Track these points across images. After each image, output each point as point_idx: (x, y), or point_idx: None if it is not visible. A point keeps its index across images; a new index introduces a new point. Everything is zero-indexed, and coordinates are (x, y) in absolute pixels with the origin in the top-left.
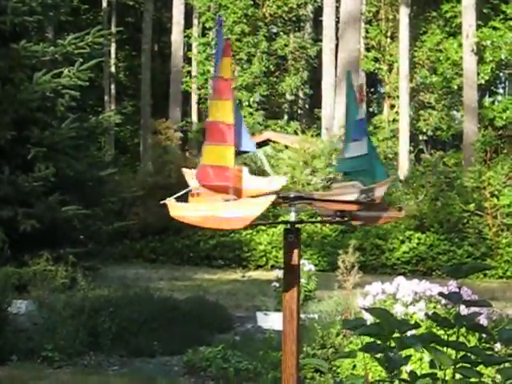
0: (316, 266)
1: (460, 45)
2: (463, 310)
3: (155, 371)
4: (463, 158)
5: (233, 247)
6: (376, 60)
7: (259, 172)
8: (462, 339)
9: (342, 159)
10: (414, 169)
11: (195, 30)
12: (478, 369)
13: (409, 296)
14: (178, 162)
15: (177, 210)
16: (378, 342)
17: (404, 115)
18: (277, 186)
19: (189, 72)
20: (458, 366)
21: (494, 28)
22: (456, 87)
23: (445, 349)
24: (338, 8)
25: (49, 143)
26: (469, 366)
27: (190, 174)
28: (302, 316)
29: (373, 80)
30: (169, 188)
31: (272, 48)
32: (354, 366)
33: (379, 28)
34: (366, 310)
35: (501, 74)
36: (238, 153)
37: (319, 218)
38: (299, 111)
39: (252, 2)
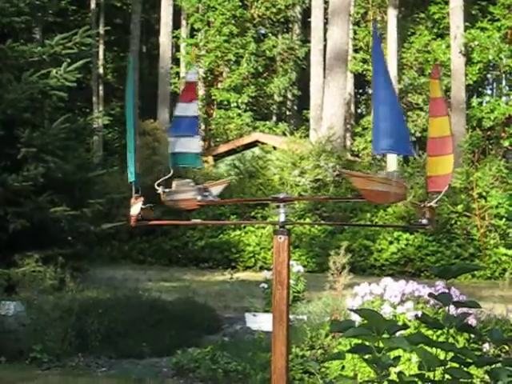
0: (305, 267)
1: (448, 46)
2: (452, 311)
3: (144, 372)
4: None
5: (221, 248)
6: (364, 61)
7: (249, 173)
8: (450, 340)
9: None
10: (402, 170)
11: (183, 31)
12: (467, 369)
13: (396, 297)
14: (166, 163)
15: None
16: (367, 343)
17: None
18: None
19: (177, 73)
20: (447, 366)
21: (482, 29)
22: (444, 88)
23: (434, 349)
24: (326, 9)
25: (38, 144)
26: (458, 366)
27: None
28: (291, 317)
29: (361, 81)
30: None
31: (260, 49)
32: (343, 367)
33: (367, 29)
34: (354, 311)
35: (488, 75)
36: None
37: (307, 220)
38: (287, 112)
39: (240, 4)
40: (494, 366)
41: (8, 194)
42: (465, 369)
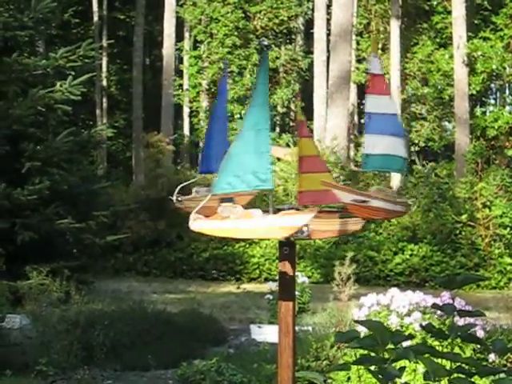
0: (309, 278)
1: (451, 56)
2: (458, 321)
3: None
4: (455, 168)
5: (226, 260)
6: (367, 72)
7: None
8: (457, 350)
9: (367, 155)
10: (406, 180)
11: (186, 43)
12: (472, 379)
13: (404, 307)
14: (170, 175)
15: None
16: (372, 354)
17: None
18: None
19: (180, 85)
20: (452, 376)
21: (485, 39)
22: (447, 98)
23: (439, 360)
24: (329, 20)
25: (43, 157)
26: (463, 376)
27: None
28: (296, 328)
29: (364, 92)
30: (161, 201)
31: None
32: (349, 378)
33: (370, 40)
34: (359, 322)
35: (492, 85)
36: None
37: None
38: (291, 123)
39: (243, 15)
40: (497, 375)
41: (15, 208)
42: (470, 379)
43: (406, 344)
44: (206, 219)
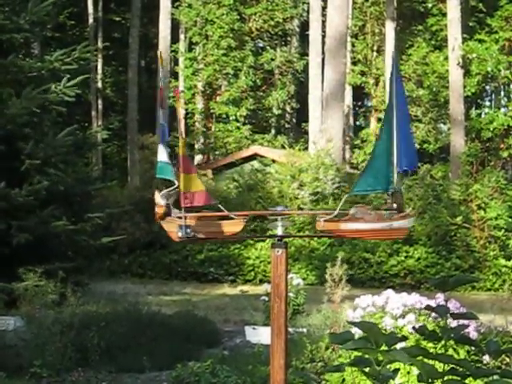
0: (304, 279)
1: (446, 58)
2: (452, 323)
3: None
4: (450, 170)
5: (221, 262)
6: (362, 74)
7: (248, 186)
8: (451, 352)
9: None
10: (401, 183)
11: (182, 45)
12: (466, 381)
13: (398, 309)
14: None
15: None
16: (367, 355)
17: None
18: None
19: (176, 87)
20: (446, 378)
21: (480, 41)
22: (442, 100)
23: (433, 362)
24: (324, 22)
25: (42, 156)
26: (457, 378)
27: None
28: (291, 330)
29: (359, 94)
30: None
31: (259, 62)
32: (344, 380)
33: (365, 42)
34: (353, 323)
35: (487, 87)
36: None
37: (307, 232)
38: (286, 125)
39: (238, 17)
40: (491, 377)
41: (11, 209)
42: (464, 381)
43: (400, 346)
44: (342, 221)
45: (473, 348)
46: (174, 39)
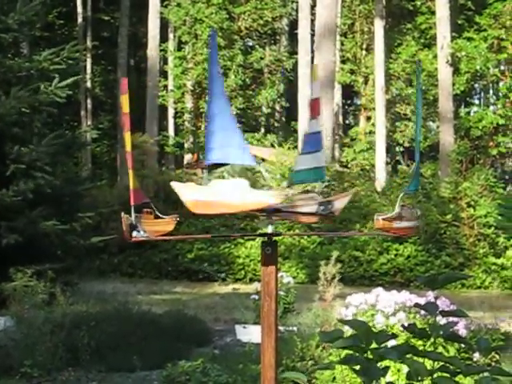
0: (294, 278)
1: (435, 56)
2: (442, 321)
3: None
4: (439, 168)
5: (211, 261)
6: (352, 72)
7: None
8: (441, 349)
9: (294, 171)
10: (390, 180)
11: (171, 44)
12: (456, 379)
13: (390, 307)
14: (155, 177)
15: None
16: (357, 353)
17: (380, 127)
18: (276, 201)
19: (165, 86)
20: (435, 376)
21: (469, 39)
22: (432, 98)
23: (423, 359)
24: (313, 21)
25: (27, 161)
26: (447, 376)
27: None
28: (281, 328)
29: (349, 92)
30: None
31: (248, 61)
32: (334, 378)
33: (354, 40)
34: (343, 321)
35: (476, 85)
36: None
37: (297, 231)
38: (276, 124)
39: (227, 16)
40: (481, 374)
41: (0, 209)
42: (453, 378)
43: (391, 344)
44: (395, 220)
45: (463, 345)
46: (163, 38)
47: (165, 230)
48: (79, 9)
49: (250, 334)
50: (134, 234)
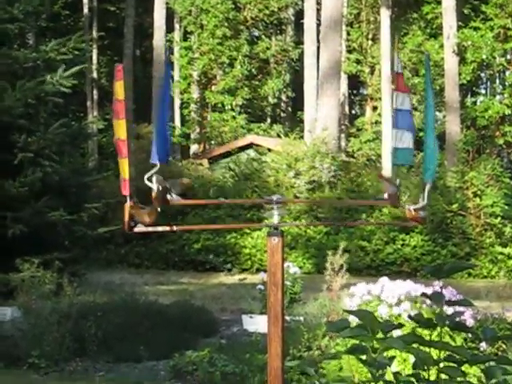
0: (301, 268)
1: (441, 46)
2: (448, 310)
3: (142, 376)
4: (446, 158)
5: (218, 251)
6: (358, 62)
7: (244, 175)
8: (447, 339)
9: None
10: (397, 170)
11: (177, 35)
12: (462, 368)
13: (393, 298)
14: (160, 167)
15: None
16: (363, 343)
17: (387, 117)
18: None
19: (171, 76)
20: (441, 365)
21: (475, 28)
22: (438, 88)
23: (429, 349)
24: (319, 11)
25: (35, 149)
26: (454, 365)
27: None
28: (288, 318)
29: (355, 82)
30: (151, 193)
31: (254, 51)
32: (341, 368)
33: (360, 30)
34: (349, 311)
35: (482, 75)
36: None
37: (303, 221)
38: (282, 114)
39: (233, 6)
40: (487, 364)
41: (6, 200)
42: (460, 367)
43: (396, 333)
44: (419, 210)
45: (469, 335)
46: (169, 28)
47: (146, 221)
48: None
49: (257, 323)
50: (134, 227)
